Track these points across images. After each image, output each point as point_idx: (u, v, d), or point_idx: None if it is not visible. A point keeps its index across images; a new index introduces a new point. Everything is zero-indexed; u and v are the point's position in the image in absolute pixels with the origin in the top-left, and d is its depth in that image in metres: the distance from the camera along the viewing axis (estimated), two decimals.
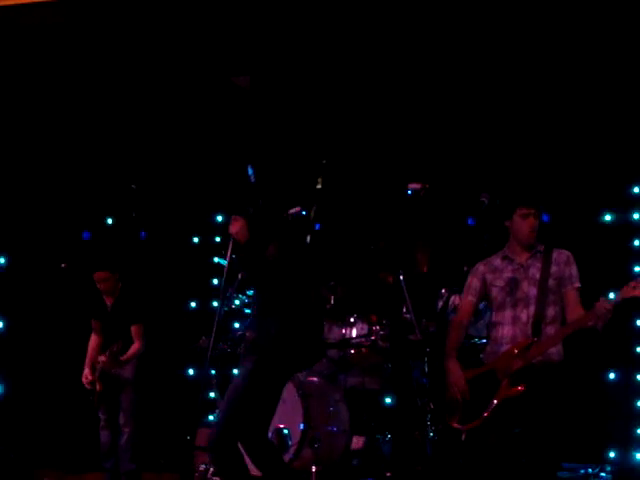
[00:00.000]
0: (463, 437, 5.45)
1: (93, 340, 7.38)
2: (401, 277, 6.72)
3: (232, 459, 5.01)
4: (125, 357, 7.13)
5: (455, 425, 5.46)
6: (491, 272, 5.58)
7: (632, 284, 5.09)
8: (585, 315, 5.27)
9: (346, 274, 7.64)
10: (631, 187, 7.51)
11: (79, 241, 8.52)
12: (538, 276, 5.43)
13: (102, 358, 7.10)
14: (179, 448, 8.16)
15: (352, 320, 7.12)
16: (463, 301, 5.71)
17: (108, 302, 7.30)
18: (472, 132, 7.78)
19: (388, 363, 7.03)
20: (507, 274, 5.52)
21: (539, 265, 5.46)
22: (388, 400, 7.19)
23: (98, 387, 7.10)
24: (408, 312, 6.76)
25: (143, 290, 7.48)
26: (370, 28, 7.29)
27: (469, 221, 6.79)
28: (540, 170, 7.50)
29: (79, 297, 7.74)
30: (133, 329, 7.17)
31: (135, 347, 7.15)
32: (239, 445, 5.02)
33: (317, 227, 6.51)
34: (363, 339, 7.00)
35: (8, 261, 8.42)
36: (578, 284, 5.46)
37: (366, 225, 7.96)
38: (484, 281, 5.60)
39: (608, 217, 7.54)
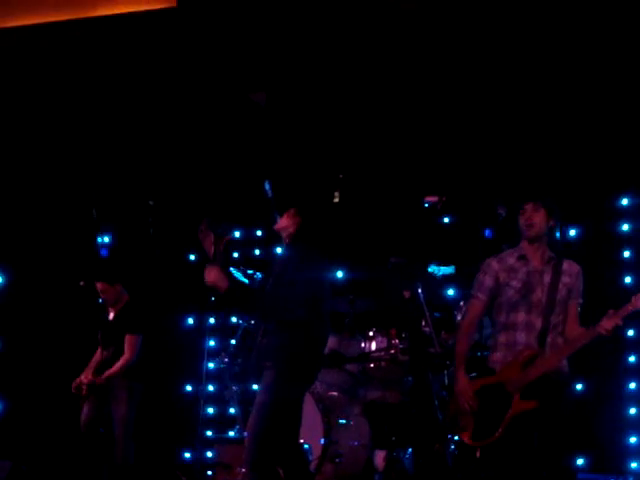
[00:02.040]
0: (478, 454, 5.38)
1: (98, 353, 7.39)
2: (419, 290, 6.70)
3: (269, 475, 4.97)
4: (110, 372, 7.11)
5: (468, 441, 5.36)
6: (505, 271, 5.39)
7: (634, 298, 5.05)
8: (588, 332, 5.21)
9: (364, 286, 7.64)
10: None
11: (96, 257, 8.57)
12: (550, 284, 5.33)
13: (84, 379, 7.11)
14: (199, 464, 8.18)
15: (371, 334, 7.11)
16: (474, 300, 5.47)
17: (112, 313, 7.34)
18: (488, 145, 7.78)
19: (408, 376, 7.01)
20: (522, 276, 5.37)
21: (552, 273, 5.36)
22: (408, 414, 7.17)
23: (84, 391, 7.08)
24: (427, 325, 6.74)
25: (147, 302, 7.50)
26: (385, 44, 7.31)
27: (486, 233, 6.76)
28: (557, 182, 7.50)
29: (84, 309, 7.81)
30: (127, 338, 7.13)
31: (123, 358, 7.12)
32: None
33: None
34: (382, 353, 6.98)
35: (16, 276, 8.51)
36: (581, 300, 5.41)
37: (383, 238, 7.96)
38: (497, 280, 5.41)
39: (626, 226, 7.58)
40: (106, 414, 7.21)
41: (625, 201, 7.60)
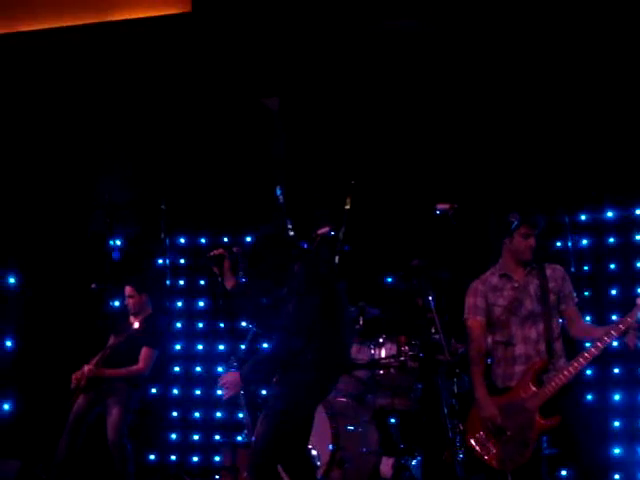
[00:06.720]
0: (509, 479, 5.31)
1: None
2: (430, 298, 6.68)
3: None
4: (117, 372, 7.10)
5: (497, 466, 5.32)
6: (491, 291, 5.52)
7: None
8: (610, 330, 5.23)
9: (375, 295, 7.63)
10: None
11: (108, 261, 8.58)
12: (539, 293, 5.40)
13: (88, 367, 7.09)
14: (203, 467, 8.19)
15: (381, 340, 7.10)
16: (473, 323, 5.57)
17: (135, 322, 7.33)
18: (501, 153, 7.79)
19: (417, 384, 6.99)
20: (508, 292, 5.47)
21: (537, 282, 5.43)
22: (417, 421, 7.15)
23: (83, 382, 7.04)
24: (437, 333, 6.72)
25: (169, 319, 7.53)
26: (398, 50, 7.33)
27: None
28: (566, 191, 7.53)
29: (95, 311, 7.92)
30: (145, 350, 7.19)
31: (137, 368, 7.15)
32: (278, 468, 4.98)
33: (346, 248, 6.50)
34: (392, 359, 6.97)
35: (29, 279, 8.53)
36: (576, 299, 5.49)
37: (395, 246, 7.95)
38: (486, 300, 5.53)
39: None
40: (98, 412, 7.20)
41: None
